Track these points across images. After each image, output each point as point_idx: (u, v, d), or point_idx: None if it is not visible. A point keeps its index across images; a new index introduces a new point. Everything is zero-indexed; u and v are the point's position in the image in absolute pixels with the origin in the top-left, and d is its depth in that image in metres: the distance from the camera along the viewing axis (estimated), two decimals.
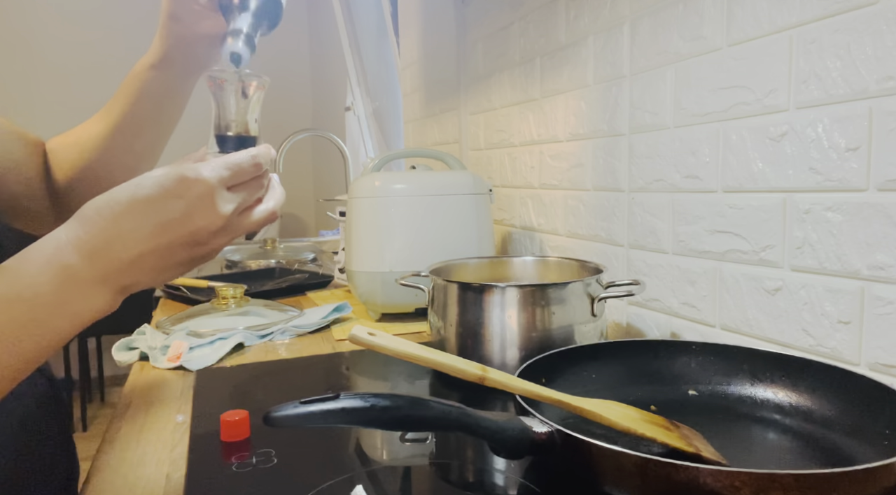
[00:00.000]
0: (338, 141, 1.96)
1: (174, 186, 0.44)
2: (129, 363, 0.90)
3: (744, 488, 0.39)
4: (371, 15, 2.60)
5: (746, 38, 0.70)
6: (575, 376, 0.64)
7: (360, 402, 0.44)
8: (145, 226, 0.43)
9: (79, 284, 0.43)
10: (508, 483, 0.53)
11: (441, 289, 0.79)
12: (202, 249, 0.47)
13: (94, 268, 0.43)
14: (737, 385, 0.63)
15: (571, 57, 1.03)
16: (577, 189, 1.05)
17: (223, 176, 0.45)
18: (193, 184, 0.44)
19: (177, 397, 0.75)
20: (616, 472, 0.44)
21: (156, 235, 0.44)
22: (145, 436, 0.64)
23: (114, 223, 0.43)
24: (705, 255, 0.78)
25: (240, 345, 0.93)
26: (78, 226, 0.43)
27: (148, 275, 0.45)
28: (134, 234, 0.43)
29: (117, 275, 0.44)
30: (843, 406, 0.55)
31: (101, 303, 0.44)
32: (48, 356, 0.45)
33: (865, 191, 0.59)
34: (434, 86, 1.68)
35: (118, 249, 0.43)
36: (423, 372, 0.80)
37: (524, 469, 0.53)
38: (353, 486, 0.49)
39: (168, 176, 0.44)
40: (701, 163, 0.78)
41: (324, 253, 1.89)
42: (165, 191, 0.44)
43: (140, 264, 0.44)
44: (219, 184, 0.45)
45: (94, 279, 0.43)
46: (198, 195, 0.44)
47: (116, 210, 0.43)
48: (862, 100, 0.59)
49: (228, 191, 0.46)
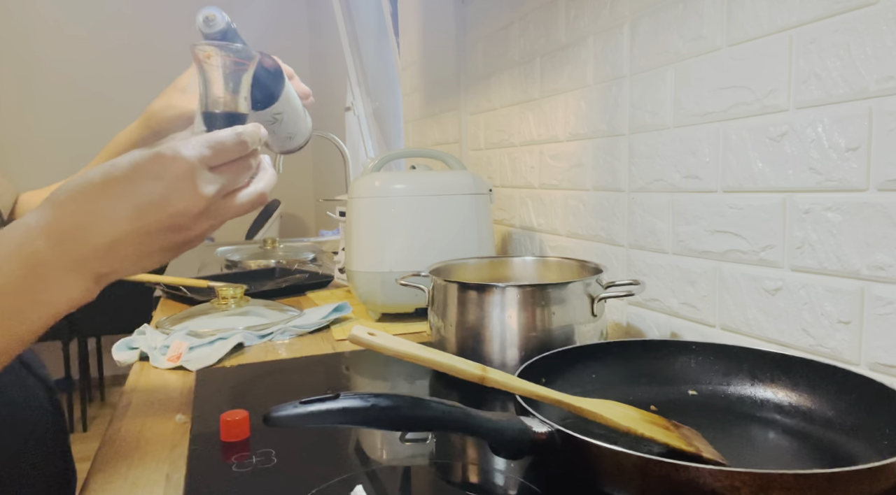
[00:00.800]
0: (338, 141, 1.96)
1: (151, 166, 0.41)
2: (129, 363, 0.89)
3: (744, 488, 0.39)
4: (371, 15, 2.60)
5: (746, 38, 0.70)
6: (575, 376, 0.64)
7: (360, 402, 0.44)
8: (121, 208, 0.40)
9: (49, 272, 0.40)
10: (508, 483, 0.53)
11: (441, 289, 0.79)
12: (184, 234, 0.43)
13: (65, 255, 0.40)
14: (737, 385, 0.63)
15: (571, 57, 1.03)
16: (577, 189, 1.05)
17: (204, 155, 0.42)
18: (171, 163, 0.41)
19: (177, 397, 0.75)
20: (616, 472, 0.44)
21: (132, 219, 0.41)
22: (145, 436, 0.64)
23: (87, 206, 0.40)
24: (705, 255, 0.78)
25: (240, 345, 0.93)
26: (48, 211, 0.41)
27: (126, 263, 0.42)
28: (108, 218, 0.40)
29: (92, 262, 0.41)
30: (843, 406, 0.55)
31: (76, 292, 0.41)
32: (21, 348, 0.41)
33: (865, 191, 0.59)
34: (434, 86, 1.68)
35: (92, 234, 0.40)
36: (423, 373, 0.80)
37: (524, 469, 0.53)
38: (353, 486, 0.49)
39: (144, 155, 0.41)
40: (701, 163, 0.78)
41: (324, 253, 1.89)
42: (141, 171, 0.41)
43: (117, 250, 0.41)
44: (199, 164, 0.42)
45: (65, 266, 0.40)
46: (176, 175, 0.41)
47: (89, 192, 0.40)
48: (862, 100, 0.59)
49: (211, 171, 0.43)
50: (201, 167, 0.42)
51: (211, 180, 0.43)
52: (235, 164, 0.45)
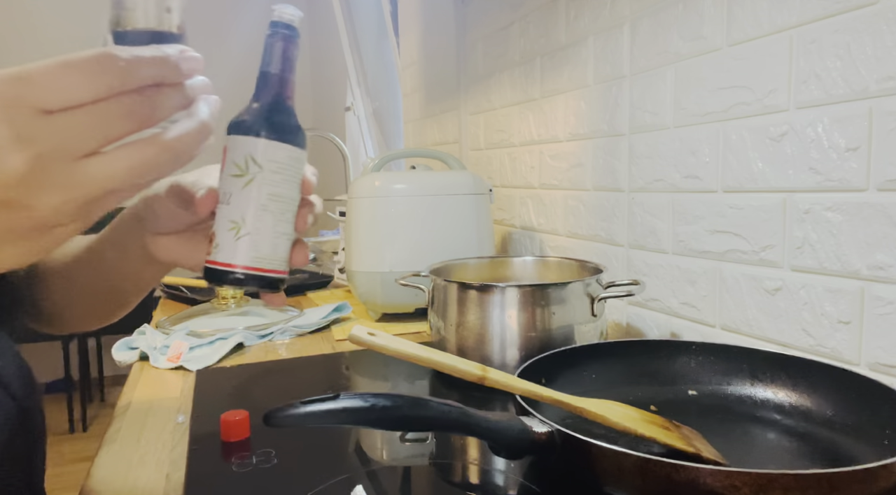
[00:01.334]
0: (338, 141, 1.96)
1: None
2: (129, 363, 0.89)
3: (744, 488, 0.39)
4: (371, 15, 2.60)
5: (746, 38, 0.70)
6: (576, 376, 0.64)
7: (360, 402, 0.44)
8: None
9: None
10: (508, 483, 0.53)
11: (441, 289, 0.79)
12: (19, 214, 0.31)
13: None
14: (737, 385, 0.63)
15: (571, 57, 1.03)
16: (577, 189, 1.05)
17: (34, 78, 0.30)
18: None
19: (177, 397, 0.75)
20: (616, 472, 0.44)
21: None
22: (145, 436, 0.64)
23: None
24: (705, 255, 0.78)
25: (240, 345, 0.93)
26: None
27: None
28: None
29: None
30: (843, 406, 0.55)
31: None
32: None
33: (865, 191, 0.59)
34: (434, 86, 1.68)
35: None
36: (423, 373, 0.80)
37: (524, 469, 0.53)
38: (353, 486, 0.49)
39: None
40: (701, 163, 0.78)
41: (324, 253, 1.89)
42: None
43: None
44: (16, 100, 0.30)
45: None
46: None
47: None
48: (862, 100, 0.59)
49: (45, 114, 0.30)
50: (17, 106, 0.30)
51: (39, 128, 0.30)
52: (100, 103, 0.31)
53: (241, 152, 0.44)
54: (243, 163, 0.44)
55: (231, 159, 0.45)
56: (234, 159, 0.45)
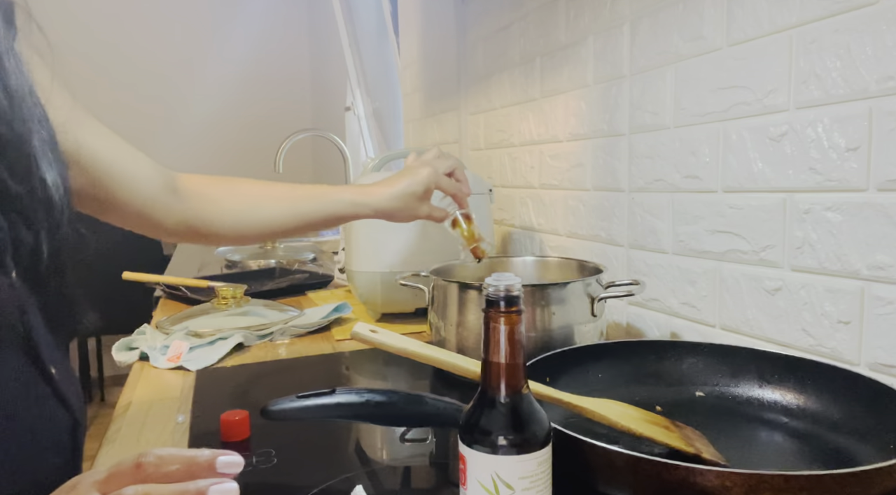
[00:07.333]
0: (338, 141, 1.96)
1: None
2: (129, 363, 0.89)
3: (734, 488, 0.39)
4: (371, 15, 2.60)
5: (746, 38, 0.70)
6: (582, 375, 0.64)
7: (355, 397, 0.44)
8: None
9: None
10: None
11: (441, 289, 0.79)
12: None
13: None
14: (744, 387, 0.63)
15: (571, 57, 1.03)
16: (577, 189, 1.05)
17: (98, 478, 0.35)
18: None
19: (177, 397, 0.75)
20: (608, 471, 0.44)
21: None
22: (145, 436, 0.64)
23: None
24: (705, 255, 0.78)
25: (240, 345, 0.93)
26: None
27: None
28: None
29: None
30: (851, 409, 0.55)
31: None
32: None
33: (865, 191, 0.59)
34: (434, 86, 1.68)
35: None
36: (423, 373, 0.80)
37: None
38: (353, 486, 0.49)
39: None
40: (701, 163, 0.78)
41: (324, 253, 1.89)
42: None
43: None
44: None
45: None
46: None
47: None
48: (862, 100, 0.59)
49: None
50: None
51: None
52: None
53: (484, 471, 0.38)
54: (491, 486, 0.38)
55: (474, 476, 0.39)
56: (477, 477, 0.39)
